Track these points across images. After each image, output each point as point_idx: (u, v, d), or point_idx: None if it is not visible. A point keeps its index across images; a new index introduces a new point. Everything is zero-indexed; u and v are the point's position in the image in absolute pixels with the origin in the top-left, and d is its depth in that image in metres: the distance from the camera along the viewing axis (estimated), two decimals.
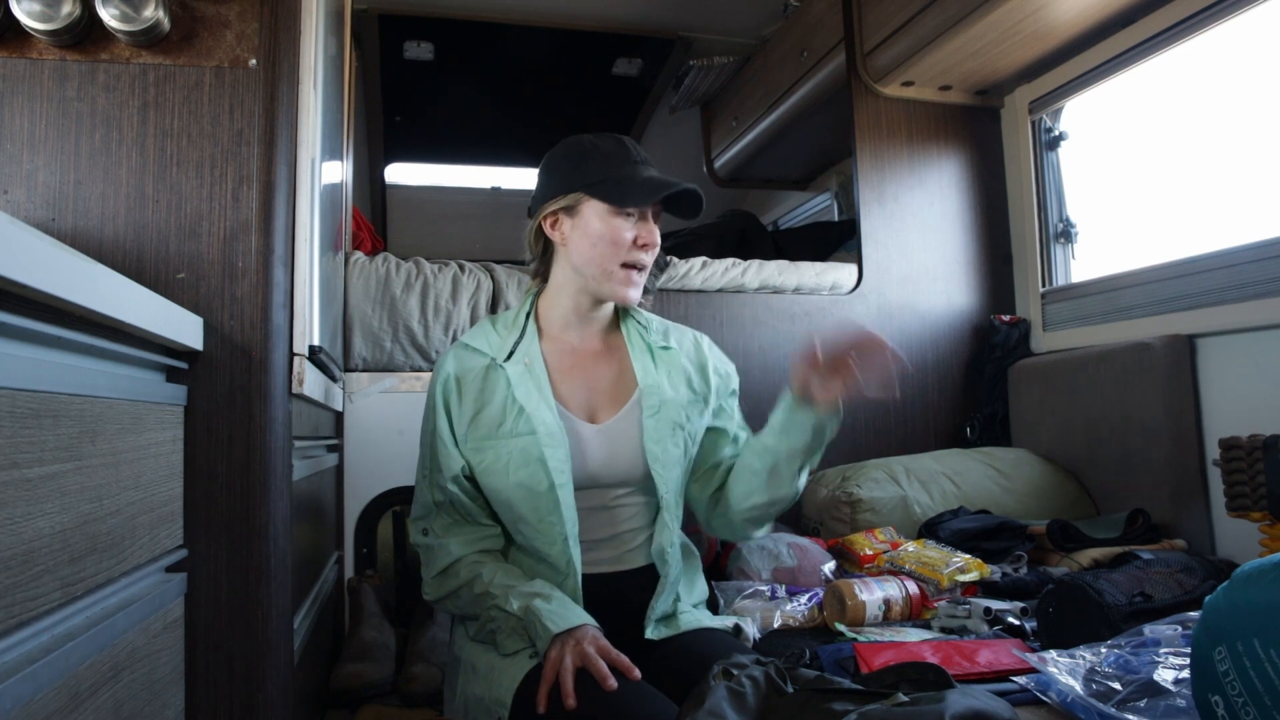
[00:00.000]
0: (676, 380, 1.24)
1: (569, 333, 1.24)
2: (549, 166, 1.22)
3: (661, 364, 1.25)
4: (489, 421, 1.16)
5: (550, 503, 1.13)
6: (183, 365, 0.92)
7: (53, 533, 0.59)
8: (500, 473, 1.14)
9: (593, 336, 1.25)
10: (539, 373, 1.18)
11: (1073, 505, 1.92)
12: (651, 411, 1.19)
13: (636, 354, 1.25)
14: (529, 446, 1.13)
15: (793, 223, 3.89)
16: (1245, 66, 1.78)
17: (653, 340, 1.26)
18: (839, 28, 2.44)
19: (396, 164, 3.97)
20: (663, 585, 1.18)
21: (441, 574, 1.17)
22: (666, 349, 1.26)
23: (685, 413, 1.23)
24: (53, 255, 0.55)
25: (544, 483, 1.12)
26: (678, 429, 1.21)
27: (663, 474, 1.18)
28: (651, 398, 1.20)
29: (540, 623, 1.02)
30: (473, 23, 2.84)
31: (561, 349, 1.23)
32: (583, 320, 1.24)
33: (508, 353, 1.19)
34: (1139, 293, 1.92)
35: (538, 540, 1.15)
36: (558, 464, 1.12)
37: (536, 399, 1.15)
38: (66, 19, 0.93)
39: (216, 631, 0.92)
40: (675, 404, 1.22)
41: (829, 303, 2.24)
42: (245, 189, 0.99)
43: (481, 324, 1.26)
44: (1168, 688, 0.95)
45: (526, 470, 1.13)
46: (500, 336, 1.22)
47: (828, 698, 0.87)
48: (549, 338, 1.24)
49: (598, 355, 1.25)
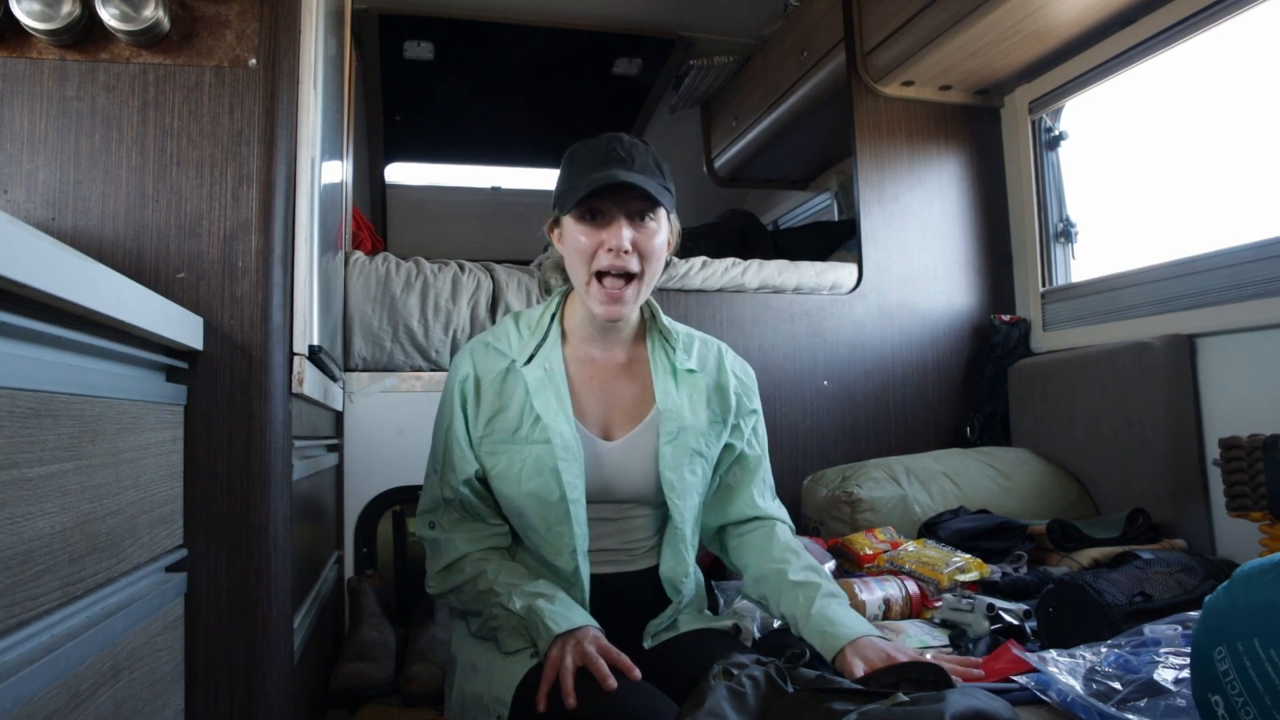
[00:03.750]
0: (698, 404, 1.20)
1: (591, 343, 1.20)
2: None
3: (684, 386, 1.20)
4: (505, 426, 1.14)
5: (560, 514, 1.11)
6: (183, 365, 0.92)
7: (53, 533, 0.59)
8: (513, 480, 1.13)
9: (614, 350, 1.21)
10: (559, 381, 1.15)
11: (1073, 505, 1.92)
12: (670, 438, 1.16)
13: (659, 374, 1.20)
14: (543, 456, 1.11)
15: (793, 222, 3.89)
16: (1245, 66, 1.78)
17: (678, 361, 1.21)
18: (839, 27, 2.44)
19: (396, 164, 3.97)
20: (673, 610, 1.17)
21: (446, 569, 1.16)
22: (691, 372, 1.21)
23: (704, 439, 1.19)
24: (53, 255, 0.55)
25: (555, 493, 1.11)
26: (696, 456, 1.18)
27: (679, 503, 1.16)
28: (670, 423, 1.16)
29: (543, 622, 1.02)
30: (473, 22, 2.84)
31: (583, 359, 1.20)
32: (602, 333, 1.19)
33: (528, 356, 1.16)
34: (1139, 293, 1.92)
35: (544, 549, 1.14)
36: (572, 478, 1.10)
37: (554, 409, 1.12)
38: (66, 19, 0.93)
39: (216, 631, 0.92)
40: (694, 430, 1.18)
41: (829, 302, 2.24)
42: (245, 189, 0.99)
43: (504, 322, 1.22)
44: (1168, 687, 0.95)
45: (539, 480, 1.11)
46: (522, 337, 1.18)
47: (828, 697, 0.87)
48: (572, 345, 1.20)
49: (619, 370, 1.21)
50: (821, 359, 2.20)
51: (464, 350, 1.20)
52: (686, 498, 1.17)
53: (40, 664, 0.56)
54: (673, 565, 1.18)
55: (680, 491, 1.16)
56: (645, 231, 1.11)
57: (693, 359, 1.23)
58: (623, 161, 1.08)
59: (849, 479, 1.88)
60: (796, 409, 2.16)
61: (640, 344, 1.24)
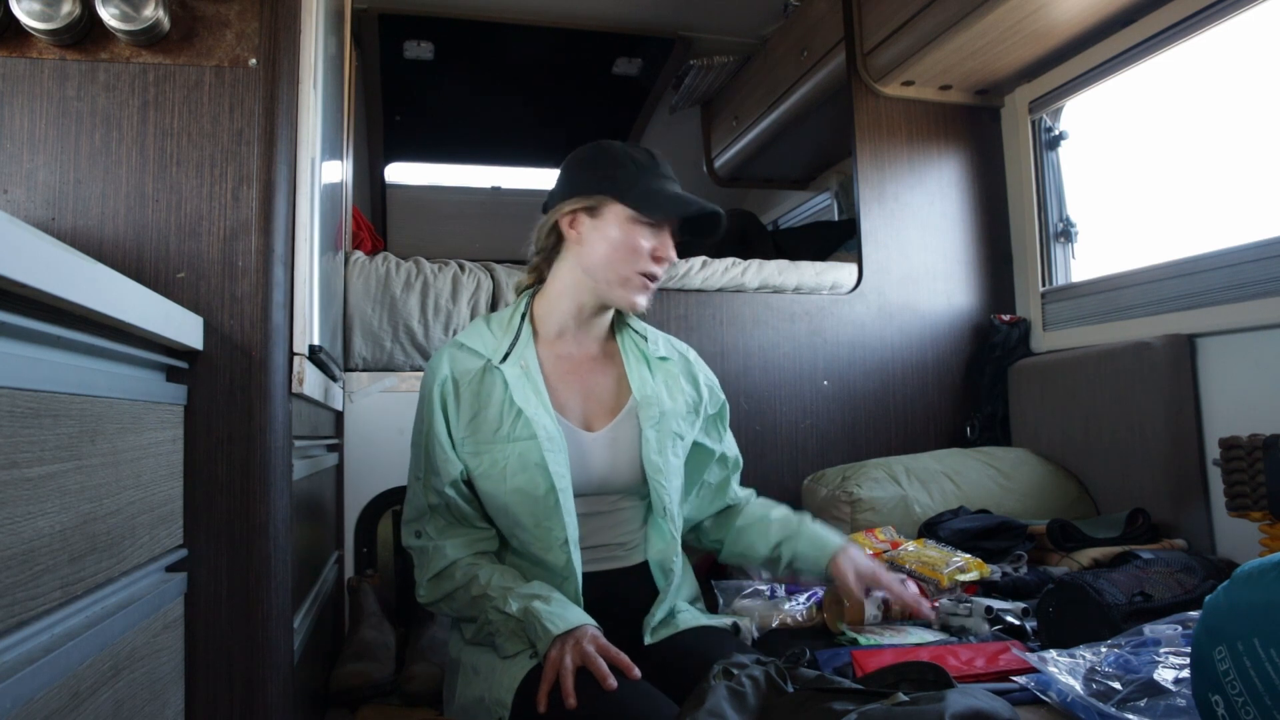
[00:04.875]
0: (674, 390, 1.24)
1: (565, 339, 1.23)
2: (577, 165, 1.20)
3: (659, 374, 1.25)
4: (487, 425, 1.15)
5: (547, 508, 1.12)
6: (183, 365, 0.92)
7: (53, 532, 0.59)
8: (497, 478, 1.13)
9: (589, 344, 1.25)
10: (535, 377, 1.17)
11: (1073, 505, 1.92)
12: (652, 422, 1.19)
13: (632, 364, 1.24)
14: (527, 451, 1.12)
15: (793, 222, 3.89)
16: (1245, 66, 1.78)
17: (649, 350, 1.26)
18: (839, 27, 2.44)
19: (396, 163, 3.97)
20: (663, 595, 1.17)
21: (437, 577, 1.16)
22: (664, 359, 1.26)
23: (684, 422, 1.24)
24: (53, 255, 0.55)
25: (542, 487, 1.11)
26: (677, 439, 1.22)
27: (664, 484, 1.18)
28: (651, 408, 1.20)
29: (540, 624, 1.02)
30: (473, 22, 2.84)
31: (557, 355, 1.22)
32: (581, 326, 1.23)
33: (503, 354, 1.17)
34: (1139, 292, 1.92)
35: (534, 545, 1.14)
36: (559, 468, 1.11)
37: (535, 404, 1.14)
38: (66, 18, 0.93)
39: (216, 631, 0.92)
40: (674, 414, 1.22)
41: (829, 302, 2.24)
42: (245, 188, 0.99)
43: (475, 323, 1.24)
44: (1168, 687, 0.95)
45: (524, 475, 1.12)
46: (495, 337, 1.20)
47: (828, 697, 0.87)
48: (544, 342, 1.23)
49: (593, 363, 1.24)
50: (821, 359, 2.20)
51: (438, 354, 1.21)
52: (671, 479, 1.19)
53: (40, 664, 0.56)
54: (661, 548, 1.19)
55: (665, 474, 1.18)
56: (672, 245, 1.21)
57: (661, 348, 1.28)
58: (674, 180, 1.20)
59: (849, 479, 1.88)
60: (796, 409, 2.16)
61: (611, 339, 1.28)
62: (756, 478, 1.64)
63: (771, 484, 1.87)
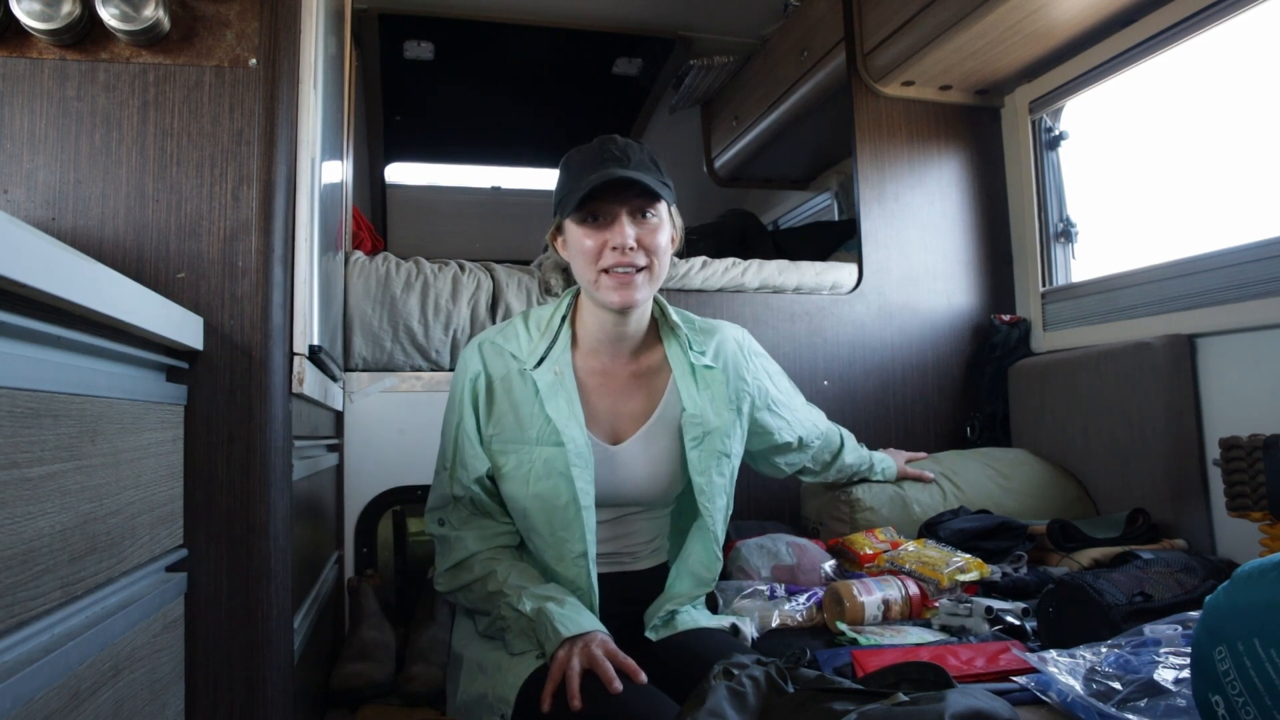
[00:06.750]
0: (720, 405, 1.20)
1: (600, 353, 1.20)
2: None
3: (704, 386, 1.20)
4: (516, 425, 1.14)
5: (566, 520, 1.11)
6: (183, 365, 0.92)
7: (53, 532, 0.59)
8: (521, 480, 1.13)
9: (624, 360, 1.21)
10: (569, 386, 1.14)
11: (1073, 505, 1.92)
12: (695, 444, 1.16)
13: (682, 376, 1.19)
14: (553, 459, 1.11)
15: (793, 222, 3.89)
16: (1245, 66, 1.78)
17: (695, 360, 1.20)
18: (839, 27, 2.44)
19: (396, 164, 3.97)
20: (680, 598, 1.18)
21: (456, 567, 1.16)
22: (710, 369, 1.21)
23: (729, 440, 1.20)
24: (53, 255, 0.55)
25: (564, 497, 1.10)
26: (723, 458, 1.18)
27: (708, 505, 1.16)
28: (695, 428, 1.17)
29: (551, 625, 1.02)
30: (473, 22, 2.84)
31: (593, 368, 1.19)
32: (612, 341, 1.18)
33: (538, 359, 1.15)
34: (1139, 293, 1.92)
35: (547, 554, 1.14)
36: (585, 484, 1.10)
37: (566, 415, 1.12)
38: (66, 18, 0.93)
39: (216, 631, 0.92)
40: (720, 433, 1.18)
41: (829, 302, 2.24)
42: (245, 189, 0.99)
43: (512, 322, 1.22)
44: (1168, 687, 0.95)
45: (548, 482, 1.11)
46: (531, 339, 1.18)
47: (828, 697, 0.87)
48: (582, 352, 1.20)
49: (627, 381, 1.20)
50: (821, 359, 2.20)
51: (472, 347, 1.19)
52: (716, 499, 1.17)
53: (40, 664, 0.56)
54: (706, 563, 1.18)
55: (710, 494, 1.16)
56: (648, 227, 1.10)
57: (709, 354, 1.22)
58: (618, 160, 1.08)
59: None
60: None
61: (649, 352, 1.22)
62: (756, 477, 1.65)
63: (772, 483, 1.87)
